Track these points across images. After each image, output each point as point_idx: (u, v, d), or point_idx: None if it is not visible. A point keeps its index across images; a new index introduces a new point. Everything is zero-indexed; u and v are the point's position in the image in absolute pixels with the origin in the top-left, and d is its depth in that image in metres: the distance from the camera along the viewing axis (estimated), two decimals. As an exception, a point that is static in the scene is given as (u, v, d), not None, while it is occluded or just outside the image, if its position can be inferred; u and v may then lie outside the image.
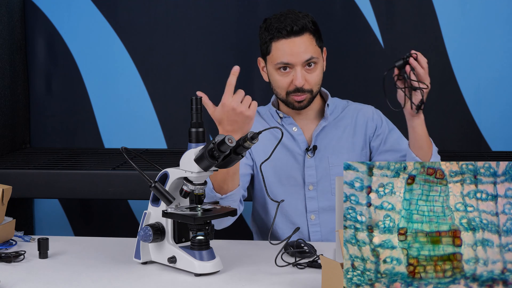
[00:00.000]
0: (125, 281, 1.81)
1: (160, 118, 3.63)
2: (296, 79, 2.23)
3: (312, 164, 2.32)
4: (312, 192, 2.32)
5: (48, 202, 3.69)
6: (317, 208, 2.32)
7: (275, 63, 2.26)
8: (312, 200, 2.32)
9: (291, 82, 2.25)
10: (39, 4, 3.63)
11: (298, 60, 2.23)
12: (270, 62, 2.29)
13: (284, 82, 2.26)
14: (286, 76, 2.26)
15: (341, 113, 2.39)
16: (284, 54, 2.23)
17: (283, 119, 2.35)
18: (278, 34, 2.24)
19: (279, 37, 2.24)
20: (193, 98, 1.87)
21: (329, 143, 2.34)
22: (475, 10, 3.46)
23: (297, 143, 2.33)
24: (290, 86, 2.26)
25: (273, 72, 2.28)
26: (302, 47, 2.23)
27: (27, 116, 3.67)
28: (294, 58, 2.23)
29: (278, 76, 2.27)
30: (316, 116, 2.37)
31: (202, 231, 1.86)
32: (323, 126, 2.34)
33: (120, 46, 3.61)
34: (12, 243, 2.11)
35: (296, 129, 2.34)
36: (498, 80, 3.49)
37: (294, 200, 2.32)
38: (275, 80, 2.29)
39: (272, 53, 2.26)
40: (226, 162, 1.86)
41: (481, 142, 3.52)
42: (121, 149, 1.91)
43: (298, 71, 2.23)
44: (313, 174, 2.31)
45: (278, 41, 2.24)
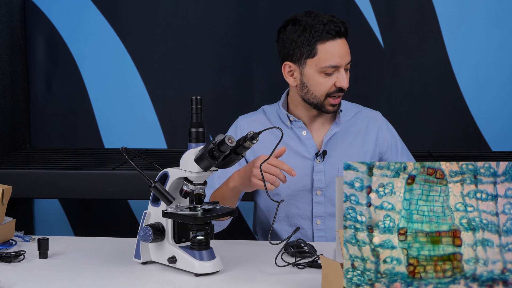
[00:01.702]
0: (125, 281, 1.81)
1: (160, 118, 3.63)
2: (342, 81, 2.21)
3: (321, 169, 2.30)
4: (320, 197, 2.30)
5: (48, 202, 3.69)
6: (323, 214, 2.31)
7: (322, 66, 2.20)
8: (319, 205, 2.31)
9: (333, 84, 2.22)
10: (39, 4, 3.63)
11: (344, 62, 2.21)
12: (313, 65, 2.21)
13: (328, 85, 2.22)
14: (330, 78, 2.22)
15: (352, 117, 2.37)
16: (333, 56, 2.19)
17: (293, 123, 2.32)
18: (327, 36, 2.19)
19: (327, 38, 2.19)
20: (193, 98, 1.87)
21: (339, 149, 2.31)
22: (475, 10, 3.47)
23: (306, 148, 2.31)
24: (331, 88, 2.23)
25: (315, 75, 2.22)
26: (346, 49, 2.22)
27: (27, 116, 3.67)
28: (342, 60, 2.21)
29: (321, 79, 2.22)
30: (327, 120, 2.34)
31: (202, 231, 1.85)
32: (334, 131, 2.32)
33: (120, 46, 3.61)
34: (12, 243, 2.11)
35: (305, 133, 2.31)
36: (498, 80, 3.49)
37: (301, 204, 2.31)
38: (317, 83, 2.23)
39: (319, 55, 2.20)
40: (226, 162, 1.86)
41: (481, 142, 3.52)
42: (121, 149, 1.91)
43: (343, 73, 2.22)
44: (321, 179, 2.29)
45: (325, 43, 2.19)
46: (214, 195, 2.22)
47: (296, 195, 2.30)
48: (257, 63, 3.53)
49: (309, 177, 2.29)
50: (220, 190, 2.20)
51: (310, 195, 2.30)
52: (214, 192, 2.23)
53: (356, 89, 3.57)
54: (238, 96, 3.58)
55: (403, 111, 3.54)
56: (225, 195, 2.17)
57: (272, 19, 2.32)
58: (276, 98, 2.43)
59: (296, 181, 2.29)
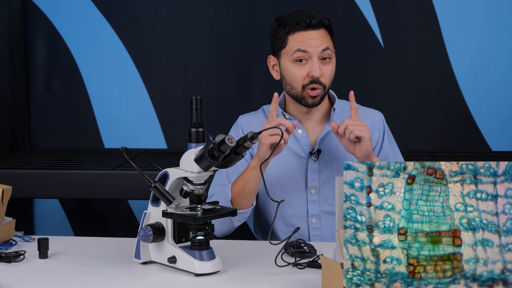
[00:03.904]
0: (125, 281, 1.81)
1: (160, 118, 3.63)
2: (313, 70, 2.21)
3: (316, 168, 2.30)
4: (314, 196, 2.30)
5: (48, 202, 3.69)
6: (318, 212, 2.31)
7: (291, 54, 2.22)
8: (314, 204, 2.31)
9: (307, 74, 2.22)
10: (39, 4, 3.63)
11: (315, 49, 2.21)
12: (285, 55, 2.25)
13: (300, 74, 2.22)
14: (302, 68, 2.22)
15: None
16: (302, 43, 2.21)
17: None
18: (297, 26, 2.21)
19: (297, 29, 2.22)
20: (193, 98, 1.87)
21: (334, 148, 2.31)
22: (475, 10, 3.47)
23: (301, 146, 2.31)
24: (305, 79, 2.23)
25: (289, 65, 2.24)
26: (319, 38, 2.22)
27: (27, 116, 3.67)
28: (311, 48, 2.20)
29: (294, 68, 2.23)
30: (322, 118, 2.34)
31: (202, 231, 1.85)
32: (328, 130, 2.31)
33: (120, 46, 3.61)
34: (12, 243, 2.11)
35: (301, 132, 2.32)
36: (498, 80, 3.49)
37: (295, 203, 2.31)
38: (290, 73, 2.25)
39: (288, 45, 2.23)
40: (226, 162, 1.86)
41: (481, 142, 3.52)
42: (121, 149, 1.91)
43: (315, 62, 2.21)
44: (315, 178, 2.29)
45: (295, 33, 2.22)
46: (235, 182, 2.21)
47: (291, 194, 2.30)
48: (257, 63, 3.52)
49: (303, 176, 2.30)
50: (242, 174, 2.20)
51: (304, 194, 2.31)
52: (235, 180, 2.22)
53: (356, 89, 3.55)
54: (238, 96, 3.58)
55: (403, 111, 3.54)
56: (247, 176, 2.17)
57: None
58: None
59: (290, 180, 2.30)
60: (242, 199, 2.19)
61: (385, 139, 2.36)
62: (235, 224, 2.25)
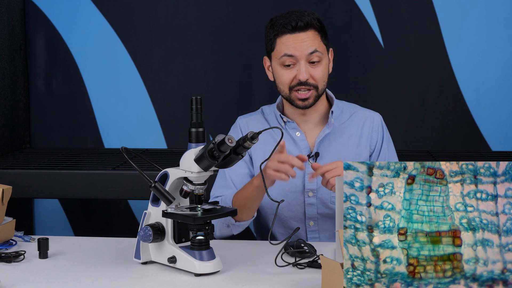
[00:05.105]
0: (125, 281, 1.81)
1: (160, 118, 3.63)
2: (299, 73, 2.20)
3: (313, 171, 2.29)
4: (312, 198, 2.29)
5: (48, 202, 3.69)
6: (316, 215, 2.30)
7: (279, 58, 2.22)
8: (311, 206, 2.30)
9: (294, 77, 2.22)
10: (39, 4, 3.63)
11: (302, 53, 2.20)
12: (274, 58, 2.25)
13: (287, 77, 2.23)
14: (290, 71, 2.22)
15: (348, 119, 2.35)
16: (288, 47, 2.20)
17: (287, 124, 2.32)
18: (283, 30, 2.21)
19: (284, 32, 2.21)
20: (193, 98, 1.87)
21: (332, 150, 2.30)
22: (475, 10, 3.47)
23: (299, 149, 2.30)
24: (293, 81, 2.23)
25: (277, 68, 2.25)
26: (306, 41, 2.20)
27: (27, 116, 3.67)
28: (298, 52, 2.20)
29: (282, 71, 2.23)
30: (321, 120, 2.33)
31: (202, 231, 1.85)
32: (326, 133, 2.30)
33: (120, 46, 3.61)
34: (12, 243, 2.11)
35: (299, 134, 2.31)
36: (498, 80, 3.49)
37: (293, 206, 2.31)
38: (278, 76, 2.25)
39: (276, 48, 2.23)
40: (226, 162, 1.86)
41: (481, 142, 3.52)
42: (121, 149, 1.91)
43: (302, 65, 2.20)
44: (313, 180, 2.28)
45: (282, 36, 2.22)
46: (237, 196, 2.22)
47: (288, 197, 2.29)
48: (257, 63, 3.52)
49: (301, 179, 2.29)
50: (244, 190, 2.20)
51: (302, 197, 2.30)
52: (237, 194, 2.22)
53: (356, 89, 3.58)
54: (238, 96, 3.58)
55: (403, 111, 3.54)
56: (249, 194, 2.17)
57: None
58: (276, 99, 2.43)
59: (288, 183, 2.28)
60: (243, 213, 2.19)
61: (384, 144, 2.35)
62: (234, 232, 2.25)
